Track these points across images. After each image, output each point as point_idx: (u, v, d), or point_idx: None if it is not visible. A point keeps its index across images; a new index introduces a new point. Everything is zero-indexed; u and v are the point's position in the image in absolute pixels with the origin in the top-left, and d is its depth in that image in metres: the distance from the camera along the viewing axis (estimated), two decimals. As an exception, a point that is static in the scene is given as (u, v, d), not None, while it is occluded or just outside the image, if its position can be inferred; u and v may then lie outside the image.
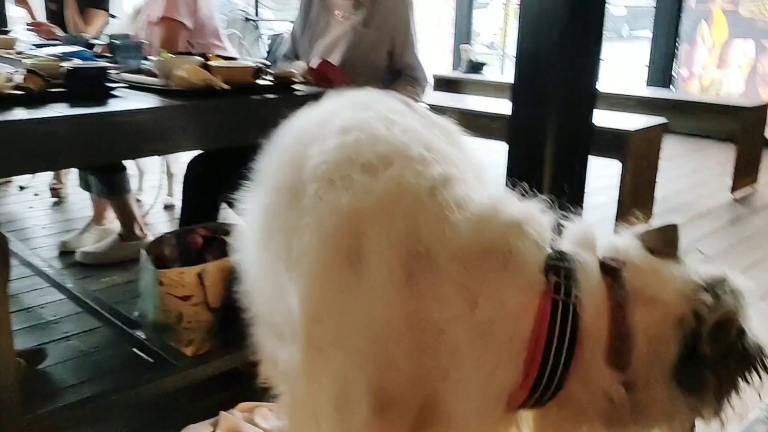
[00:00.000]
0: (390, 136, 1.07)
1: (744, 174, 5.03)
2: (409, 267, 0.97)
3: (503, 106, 4.39)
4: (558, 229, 1.06)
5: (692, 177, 5.43)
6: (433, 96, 6.20)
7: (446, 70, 8.51)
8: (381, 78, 2.85)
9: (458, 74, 7.40)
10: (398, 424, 1.00)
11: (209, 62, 2.14)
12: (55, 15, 4.40)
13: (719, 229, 4.21)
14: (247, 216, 1.25)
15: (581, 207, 1.31)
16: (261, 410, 2.16)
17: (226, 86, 1.98)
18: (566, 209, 1.09)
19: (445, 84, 7.10)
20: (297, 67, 2.58)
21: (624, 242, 1.06)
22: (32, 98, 1.76)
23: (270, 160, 1.18)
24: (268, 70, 2.28)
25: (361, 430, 1.00)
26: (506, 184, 1.12)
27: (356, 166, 1.03)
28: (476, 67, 7.26)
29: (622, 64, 9.94)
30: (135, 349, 2.31)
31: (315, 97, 2.26)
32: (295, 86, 2.27)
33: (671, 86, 7.59)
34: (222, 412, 2.10)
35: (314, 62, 2.50)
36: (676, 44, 7.57)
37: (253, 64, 2.16)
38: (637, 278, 0.98)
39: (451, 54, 9.23)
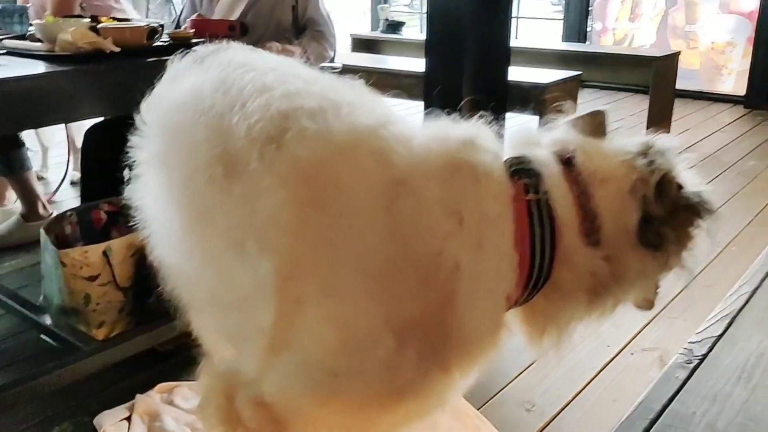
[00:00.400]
0: (311, 87, 1.07)
1: (657, 123, 5.14)
2: (388, 196, 0.98)
3: (421, 65, 4.36)
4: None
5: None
6: (351, 56, 6.12)
7: (365, 30, 8.38)
8: (286, 35, 2.76)
9: (376, 34, 7.29)
10: (417, 360, 1.00)
11: (99, 24, 1.99)
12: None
13: (635, 178, 4.31)
14: (150, 204, 1.19)
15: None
16: (181, 390, 2.08)
17: (116, 49, 1.85)
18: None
19: (362, 44, 6.99)
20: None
21: (564, 134, 1.12)
22: None
23: (171, 146, 1.11)
24: (164, 31, 2.15)
25: (383, 368, 1.00)
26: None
27: (300, 118, 1.01)
28: (394, 26, 7.17)
29: (538, 20, 10.02)
30: (42, 336, 2.20)
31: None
32: (195, 47, 2.15)
33: (587, 40, 7.70)
34: (138, 395, 2.01)
35: (189, 22, 2.39)
36: (590, -1, 7.68)
37: (146, 25, 2.03)
38: (589, 163, 1.06)
39: (370, 14, 9.09)
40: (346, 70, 4.25)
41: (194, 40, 2.15)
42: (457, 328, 1.00)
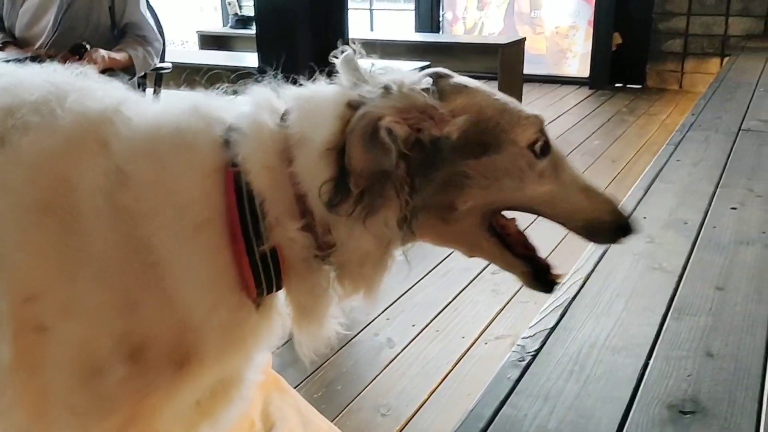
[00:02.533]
0: (33, 79, 0.96)
1: (508, 109, 5.26)
2: (112, 191, 0.88)
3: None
4: None
5: (463, 116, 5.61)
6: (200, 54, 5.87)
7: (215, 26, 8.09)
8: (105, 39, 2.56)
9: (226, 30, 7.05)
10: (159, 364, 0.91)
11: None
12: None
13: (489, 164, 4.38)
14: None
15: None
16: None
17: None
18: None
19: (211, 41, 6.74)
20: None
21: (303, 89, 0.99)
22: None
23: None
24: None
25: (120, 387, 0.90)
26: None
27: (23, 111, 0.90)
28: (245, 21, 6.95)
29: (394, 12, 10.07)
30: None
31: (23, 63, 1.95)
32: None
33: (440, 30, 7.80)
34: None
35: None
36: (440, -13, 7.78)
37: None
38: (298, 122, 0.93)
39: (220, 10, 8.80)
40: (188, 68, 4.04)
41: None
42: (187, 321, 0.91)
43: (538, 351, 1.27)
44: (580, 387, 1.17)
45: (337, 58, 1.01)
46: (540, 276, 1.07)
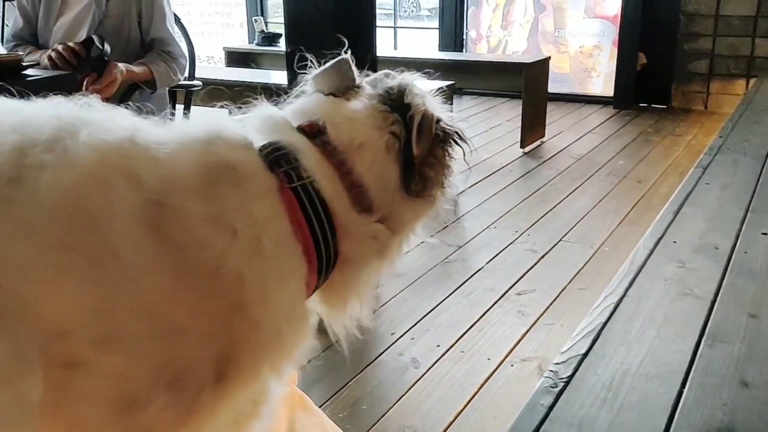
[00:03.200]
0: (40, 114, 0.94)
1: (531, 127, 5.27)
2: (152, 223, 0.90)
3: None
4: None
5: (485, 136, 5.61)
6: (227, 71, 5.93)
7: (241, 43, 8.18)
8: (136, 54, 2.59)
9: (252, 47, 7.11)
10: (198, 388, 0.94)
11: None
12: None
13: (513, 183, 4.37)
14: None
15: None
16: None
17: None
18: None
19: (237, 57, 6.80)
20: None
21: (308, 102, 1.14)
22: None
23: None
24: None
25: (159, 417, 0.92)
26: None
27: (36, 150, 0.89)
28: (271, 38, 7.01)
29: (418, 30, 10.12)
30: None
31: (49, 81, 1.99)
32: (27, 71, 1.95)
33: (464, 49, 7.83)
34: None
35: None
36: (464, 7, 7.80)
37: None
38: (340, 132, 1.07)
39: (246, 27, 8.90)
40: (216, 84, 4.08)
41: (24, 64, 1.95)
42: (254, 332, 0.96)
43: (570, 377, 1.26)
44: (613, 415, 1.16)
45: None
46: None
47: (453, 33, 7.80)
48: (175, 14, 3.15)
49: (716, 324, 1.45)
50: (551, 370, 1.30)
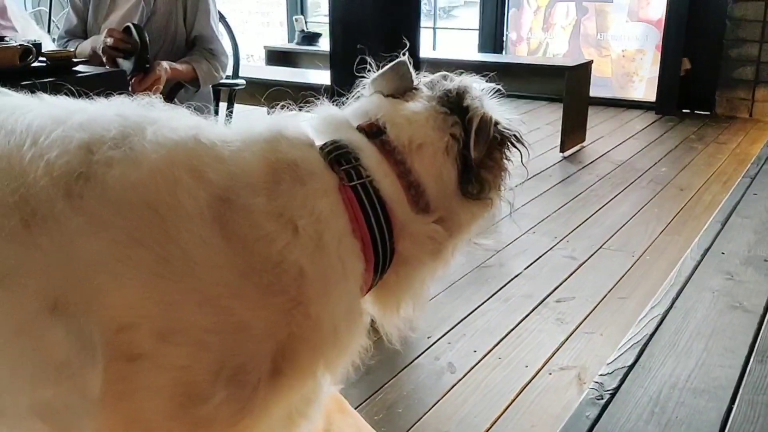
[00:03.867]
0: (105, 113, 0.97)
1: (571, 131, 5.20)
2: (217, 218, 0.91)
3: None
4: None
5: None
6: (266, 70, 5.97)
7: (281, 42, 8.23)
8: (182, 51, 2.62)
9: (292, 46, 7.16)
10: (257, 383, 0.95)
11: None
12: None
13: (552, 188, 4.32)
14: None
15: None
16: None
17: (-20, 72, 1.68)
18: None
19: (277, 57, 6.85)
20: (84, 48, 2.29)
21: (368, 103, 1.15)
22: None
23: None
24: (40, 51, 1.98)
25: (219, 411, 0.93)
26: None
27: (104, 147, 0.91)
28: (311, 38, 7.05)
29: (458, 31, 10.08)
30: None
31: (100, 77, 2.03)
32: (77, 68, 1.99)
33: (503, 50, 7.77)
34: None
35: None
36: (505, 9, 7.75)
37: (19, 45, 1.86)
38: (400, 133, 1.08)
39: (286, 26, 8.96)
40: (258, 84, 4.11)
41: (75, 60, 1.98)
42: (312, 328, 0.97)
43: (616, 390, 1.24)
44: (661, 430, 1.14)
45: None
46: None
47: (493, 35, 7.75)
48: (219, 12, 3.18)
49: (766, 339, 1.41)
50: (597, 382, 1.28)
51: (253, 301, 0.93)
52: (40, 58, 1.96)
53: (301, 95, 1.16)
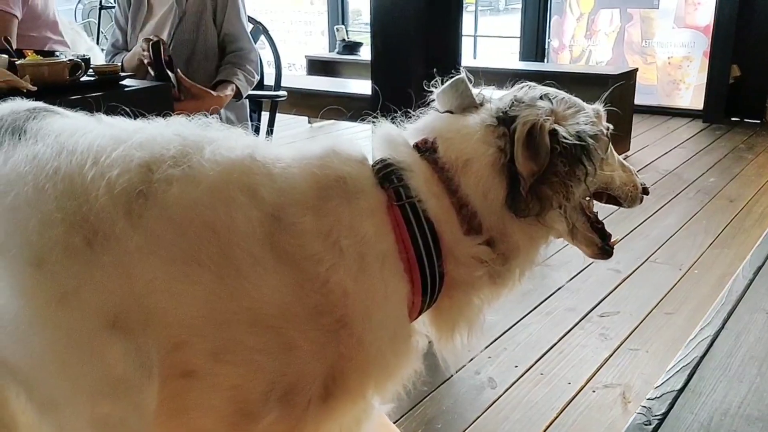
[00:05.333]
0: (164, 132, 0.99)
1: (616, 141, 5.08)
2: (269, 237, 0.93)
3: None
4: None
5: (568, 147, 5.48)
6: (307, 80, 6.01)
7: (321, 51, 8.28)
8: (213, 52, 2.64)
9: (333, 55, 7.19)
10: (307, 403, 0.97)
11: (18, 60, 1.85)
12: None
13: (595, 198, 4.24)
14: None
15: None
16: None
17: (32, 87, 1.72)
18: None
19: (319, 66, 6.88)
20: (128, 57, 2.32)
21: (425, 120, 1.12)
22: None
23: (6, 229, 0.93)
24: (89, 65, 2.01)
25: (270, 430, 0.95)
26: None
27: (164, 165, 0.93)
28: (352, 47, 7.08)
29: (499, 39, 10.02)
30: None
31: (145, 91, 2.05)
32: (123, 81, 2.02)
33: (545, 58, 7.69)
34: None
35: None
36: (547, 16, 7.67)
37: (68, 60, 1.89)
38: (449, 149, 1.05)
39: (327, 35, 9.01)
40: (301, 94, 4.13)
41: (122, 74, 2.01)
42: (358, 349, 0.97)
43: (665, 415, 1.20)
44: (712, 460, 1.09)
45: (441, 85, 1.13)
46: (605, 246, 1.24)
47: (535, 42, 7.68)
48: (261, 24, 3.20)
49: (824, 364, 1.35)
50: (644, 406, 1.24)
51: (301, 322, 0.93)
52: (89, 72, 1.99)
53: (349, 105, 1.16)
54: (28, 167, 0.95)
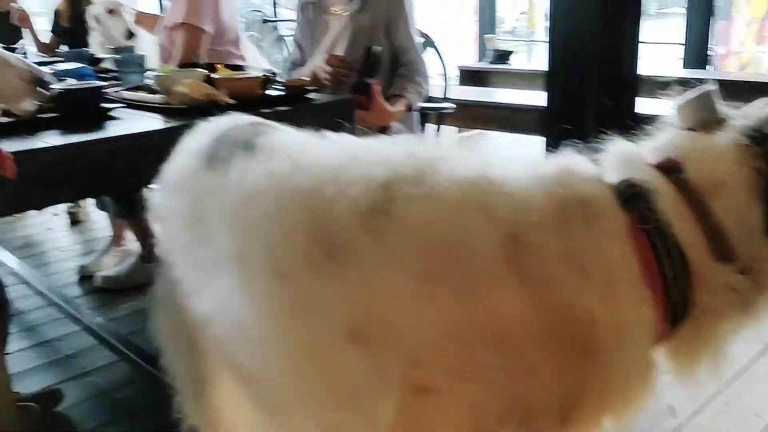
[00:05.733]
0: (395, 151, 1.01)
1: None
2: (510, 259, 0.91)
3: (534, 97, 4.19)
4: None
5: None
6: (459, 90, 6.01)
7: (472, 61, 8.26)
8: (386, 68, 2.67)
9: (484, 65, 7.15)
10: (540, 430, 0.96)
11: (213, 74, 1.97)
12: (68, 32, 4.31)
13: None
14: (217, 305, 1.05)
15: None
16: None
17: (230, 100, 1.81)
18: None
19: (471, 76, 6.86)
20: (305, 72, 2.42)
21: (666, 138, 1.06)
22: (20, 126, 1.61)
23: (250, 239, 1.00)
24: (278, 79, 2.11)
25: None
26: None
27: (403, 184, 0.94)
28: (503, 56, 7.01)
29: (653, 45, 9.58)
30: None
31: (331, 105, 2.12)
32: (310, 95, 2.10)
33: (708, 65, 7.26)
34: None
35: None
36: (712, 21, 7.24)
37: (261, 75, 1.99)
38: (698, 169, 0.99)
39: (476, 44, 8.97)
40: (458, 105, 4.15)
41: (308, 88, 2.09)
42: (603, 378, 0.94)
43: None
44: None
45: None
46: None
47: (697, 48, 7.26)
48: (427, 35, 3.23)
49: None
50: None
51: (542, 345, 0.91)
52: (275, 86, 2.09)
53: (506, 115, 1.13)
54: (266, 181, 1.00)
